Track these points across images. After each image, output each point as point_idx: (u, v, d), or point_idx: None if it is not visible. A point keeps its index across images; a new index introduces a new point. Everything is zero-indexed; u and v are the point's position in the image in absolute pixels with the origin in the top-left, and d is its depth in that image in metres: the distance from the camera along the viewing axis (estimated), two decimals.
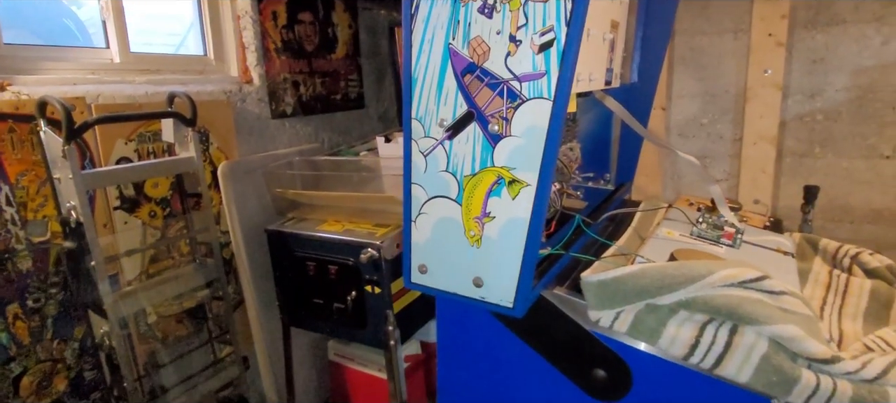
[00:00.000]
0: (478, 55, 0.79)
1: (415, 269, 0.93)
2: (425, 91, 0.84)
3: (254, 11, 2.20)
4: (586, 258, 1.02)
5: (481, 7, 0.77)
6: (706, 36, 2.43)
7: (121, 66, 2.01)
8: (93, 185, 1.77)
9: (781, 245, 1.19)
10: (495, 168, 0.82)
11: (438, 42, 0.81)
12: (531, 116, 0.77)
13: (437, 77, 0.82)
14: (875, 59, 2.21)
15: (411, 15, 0.82)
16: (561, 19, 0.72)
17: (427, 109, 0.84)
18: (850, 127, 2.28)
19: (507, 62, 0.77)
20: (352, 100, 2.67)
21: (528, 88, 0.77)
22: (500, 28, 0.76)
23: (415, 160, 0.88)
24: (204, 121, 2.08)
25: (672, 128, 2.56)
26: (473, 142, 0.82)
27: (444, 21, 0.80)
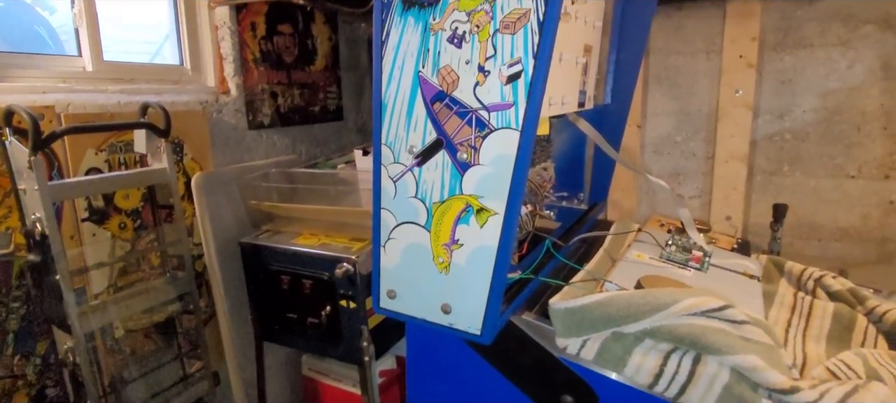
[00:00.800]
0: (447, 84, 0.79)
1: (383, 294, 0.93)
2: (395, 117, 0.84)
3: (232, 22, 2.18)
4: (556, 282, 1.03)
5: (451, 37, 0.78)
6: (680, 56, 2.48)
7: (93, 74, 1.96)
8: (60, 197, 1.72)
9: (748, 268, 1.22)
10: (464, 196, 0.82)
11: (408, 70, 0.81)
12: (499, 146, 0.78)
13: (407, 104, 0.83)
14: (841, 82, 2.29)
15: (382, 42, 0.82)
16: (529, 52, 0.73)
17: (397, 135, 0.85)
18: (817, 147, 2.36)
19: (476, 92, 0.78)
20: (331, 112, 2.65)
21: (496, 118, 0.77)
22: (469, 58, 0.77)
23: (384, 185, 0.88)
24: (178, 131, 2.05)
25: (647, 145, 2.61)
26: (442, 169, 0.82)
27: (414, 49, 0.80)
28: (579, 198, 1.54)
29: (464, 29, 0.76)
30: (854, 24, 2.23)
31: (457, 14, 0.76)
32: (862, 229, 2.36)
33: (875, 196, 2.31)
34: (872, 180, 2.31)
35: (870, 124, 2.27)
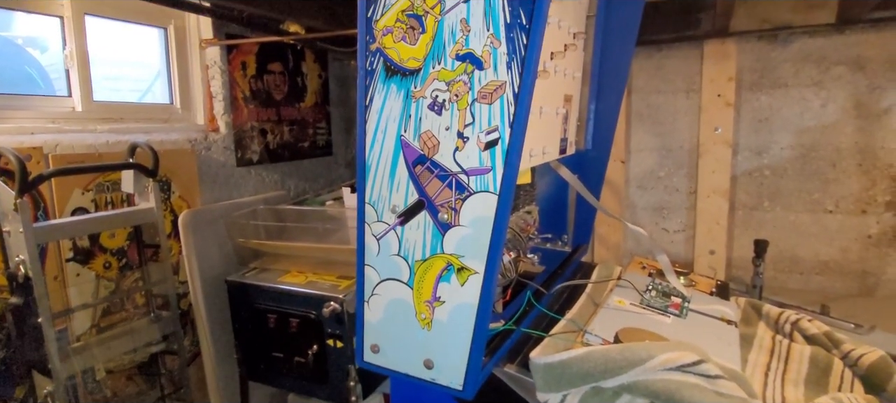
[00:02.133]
0: (428, 148, 0.82)
1: (367, 348, 0.94)
2: (378, 178, 0.86)
3: (223, 62, 2.22)
4: (537, 333, 1.04)
5: (431, 104, 0.81)
6: (661, 94, 2.56)
7: (83, 114, 1.98)
8: (45, 239, 1.71)
9: (726, 313, 1.25)
10: (445, 255, 0.84)
11: (391, 133, 0.84)
12: (478, 208, 0.81)
13: (390, 165, 0.85)
14: (816, 120, 2.37)
15: (366, 106, 0.85)
16: (505, 121, 0.77)
17: (380, 195, 0.87)
18: (795, 182, 2.42)
19: (455, 156, 0.81)
20: (320, 148, 2.68)
21: (475, 182, 0.80)
22: (448, 125, 0.80)
23: (368, 243, 0.90)
24: (166, 169, 2.06)
25: (631, 180, 2.66)
26: (424, 229, 0.84)
27: (397, 114, 0.83)
28: (563, 240, 1.57)
29: (444, 97, 0.80)
30: (826, 65, 2.32)
31: (437, 83, 0.80)
32: (842, 262, 2.41)
33: (853, 230, 2.37)
34: (850, 215, 2.37)
35: (845, 161, 2.35)
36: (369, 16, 0.82)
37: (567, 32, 1.28)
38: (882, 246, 2.35)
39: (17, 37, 2.10)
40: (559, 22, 1.21)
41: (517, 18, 0.73)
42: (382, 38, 0.82)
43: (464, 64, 0.77)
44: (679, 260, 2.65)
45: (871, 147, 2.30)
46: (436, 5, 0.78)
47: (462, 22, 0.77)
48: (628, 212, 2.70)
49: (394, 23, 0.81)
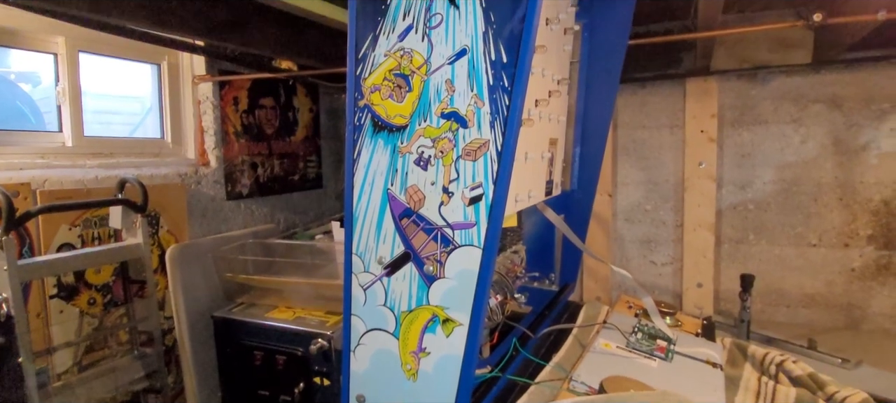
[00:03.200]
0: (414, 202, 0.84)
1: (353, 399, 0.94)
2: (365, 229, 0.88)
3: (215, 97, 2.24)
4: (523, 381, 1.05)
5: (417, 160, 0.83)
6: (646, 129, 2.62)
7: (73, 149, 1.98)
8: (29, 277, 1.69)
9: (711, 356, 1.26)
10: (431, 306, 0.85)
11: (378, 187, 0.86)
12: (463, 261, 0.82)
13: (377, 218, 0.87)
14: (796, 156, 2.43)
15: (354, 159, 0.87)
16: (489, 178, 0.79)
17: (367, 246, 0.88)
18: (779, 216, 2.47)
19: (440, 210, 0.82)
20: (310, 181, 2.69)
21: (460, 236, 0.82)
22: (434, 180, 0.82)
23: (354, 293, 0.90)
24: (155, 204, 2.05)
25: (619, 213, 2.70)
26: (410, 280, 0.85)
27: (384, 168, 0.85)
28: (550, 279, 1.58)
29: (429, 153, 0.82)
30: (804, 103, 2.39)
31: (423, 139, 0.82)
32: (828, 296, 2.44)
33: (837, 263, 2.41)
34: (833, 248, 2.42)
35: (826, 195, 2.40)
36: (358, 74, 0.85)
37: (551, 80, 1.32)
38: (866, 279, 2.39)
39: (10, 72, 2.11)
40: (543, 71, 1.25)
41: (500, 81, 0.76)
42: (370, 96, 0.85)
43: (449, 122, 0.80)
44: (667, 293, 2.67)
45: (850, 182, 2.36)
46: (422, 66, 0.81)
47: (447, 82, 0.80)
48: (616, 245, 2.73)
49: (382, 81, 0.84)
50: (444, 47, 0.79)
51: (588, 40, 1.50)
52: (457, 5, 0.78)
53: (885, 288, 2.35)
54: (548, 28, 1.26)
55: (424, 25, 0.80)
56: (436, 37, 0.79)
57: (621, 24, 1.53)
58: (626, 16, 1.52)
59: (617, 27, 1.53)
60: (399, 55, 0.82)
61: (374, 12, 0.83)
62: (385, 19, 0.82)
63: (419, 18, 0.80)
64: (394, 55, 0.82)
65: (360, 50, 0.85)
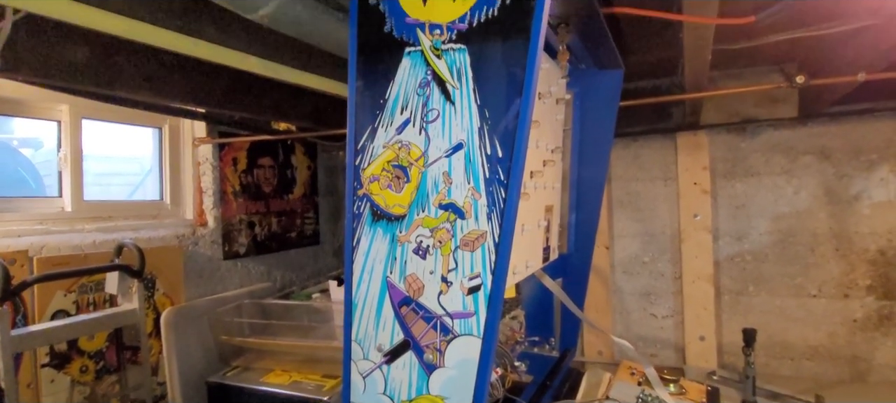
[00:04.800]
0: (413, 290, 0.84)
1: None
2: (365, 316, 0.88)
3: (215, 158, 2.27)
4: None
5: (416, 249, 0.84)
6: (640, 182, 2.65)
7: (72, 214, 1.99)
8: (22, 348, 1.66)
9: None
10: (431, 396, 0.84)
11: (377, 274, 0.86)
12: (463, 351, 0.82)
13: (376, 305, 0.87)
14: (790, 207, 2.45)
15: (353, 247, 0.88)
16: (487, 267, 0.80)
17: (366, 333, 0.88)
18: (777, 267, 2.47)
19: (440, 299, 0.83)
20: (307, 237, 2.69)
21: (459, 325, 0.82)
22: (433, 269, 0.83)
23: (354, 380, 0.89)
24: (152, 267, 2.04)
25: (616, 265, 2.70)
26: (410, 369, 0.85)
27: (383, 256, 0.86)
28: (551, 344, 1.57)
29: (428, 243, 0.83)
30: (794, 155, 2.44)
31: (421, 229, 0.83)
32: (831, 348, 2.41)
33: (838, 315, 2.39)
34: (833, 299, 2.41)
35: (822, 246, 2.41)
36: (357, 164, 0.87)
37: (545, 150, 1.35)
38: (868, 330, 2.37)
39: (13, 138, 2.14)
40: (537, 142, 1.28)
41: (496, 175, 0.78)
42: (369, 185, 0.86)
43: (447, 213, 0.81)
44: (669, 347, 2.63)
45: (845, 232, 2.38)
46: (420, 158, 0.83)
47: (444, 175, 0.82)
48: (616, 298, 2.71)
49: (380, 171, 0.86)
50: (441, 141, 0.82)
51: (579, 108, 1.55)
52: (452, 102, 0.81)
53: (888, 339, 2.33)
54: (541, 102, 1.30)
55: (422, 120, 0.83)
56: (433, 131, 0.82)
57: (611, 90, 1.58)
58: (616, 82, 1.58)
59: (607, 93, 1.58)
60: (397, 147, 0.84)
61: (372, 106, 0.86)
62: (383, 112, 0.85)
63: (417, 113, 0.83)
64: (392, 147, 0.85)
65: (358, 141, 0.87)
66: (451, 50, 0.80)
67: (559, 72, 1.35)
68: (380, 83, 0.85)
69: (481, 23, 0.78)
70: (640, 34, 1.68)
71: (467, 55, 0.79)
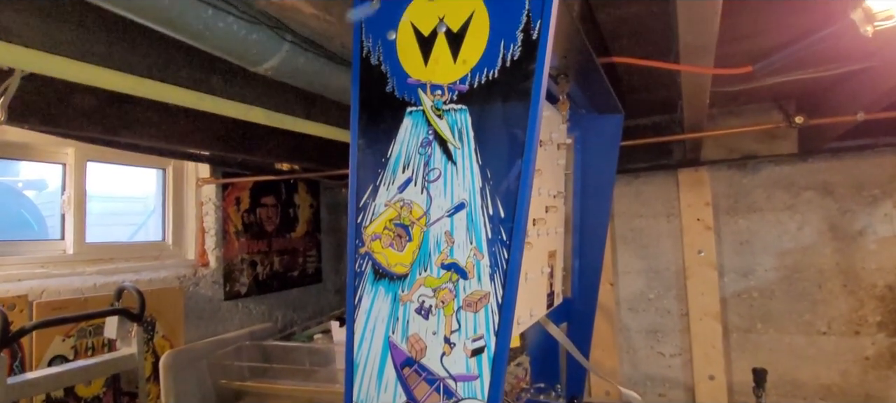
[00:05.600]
0: (416, 351, 0.83)
1: None
2: (366, 377, 0.86)
3: (218, 198, 2.28)
4: None
5: (418, 309, 0.83)
6: (643, 218, 2.64)
7: (73, 257, 1.98)
8: (19, 396, 1.63)
9: None
10: None
11: (379, 334, 0.85)
12: None
13: (378, 366, 0.85)
14: (794, 243, 2.43)
15: (354, 306, 0.87)
16: (490, 329, 0.78)
17: (368, 395, 0.86)
18: (785, 304, 2.44)
19: (443, 361, 0.81)
20: (309, 276, 2.68)
21: (463, 388, 0.80)
22: (435, 329, 0.82)
23: None
24: (152, 309, 2.02)
25: (622, 302, 2.66)
26: None
27: (385, 316, 0.85)
28: (557, 391, 1.53)
29: (430, 303, 0.82)
30: (795, 190, 2.44)
31: (423, 289, 0.83)
32: (844, 386, 2.35)
33: (850, 352, 2.34)
34: (844, 336, 2.36)
35: (830, 282, 2.38)
36: (359, 222, 0.87)
37: (548, 196, 1.35)
38: (881, 368, 2.32)
39: (17, 180, 2.16)
40: (539, 190, 1.28)
41: (498, 235, 0.78)
42: (371, 243, 0.86)
43: (449, 273, 0.81)
44: (679, 387, 2.57)
45: (852, 268, 2.35)
46: (422, 217, 0.83)
47: (446, 234, 0.81)
48: (622, 336, 2.67)
49: (382, 229, 0.85)
50: (443, 200, 0.81)
51: (581, 151, 1.56)
52: (454, 161, 0.81)
53: None
54: (542, 149, 1.30)
55: (423, 179, 0.83)
56: (435, 190, 0.82)
57: (612, 133, 1.59)
58: (616, 125, 1.59)
59: (608, 136, 1.59)
60: (399, 206, 0.84)
61: (374, 164, 0.86)
62: (385, 171, 0.85)
63: (418, 172, 0.83)
64: (394, 205, 0.85)
65: (360, 199, 0.87)
66: (452, 110, 0.81)
67: (560, 118, 1.36)
68: (382, 142, 0.85)
69: (482, 84, 0.79)
70: (639, 77, 1.70)
71: (469, 116, 0.80)
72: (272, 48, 1.10)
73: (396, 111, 0.85)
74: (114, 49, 1.14)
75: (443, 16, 0.82)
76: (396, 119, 0.85)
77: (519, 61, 0.77)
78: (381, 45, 0.86)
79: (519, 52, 0.77)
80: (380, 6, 0.87)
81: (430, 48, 0.83)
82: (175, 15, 0.93)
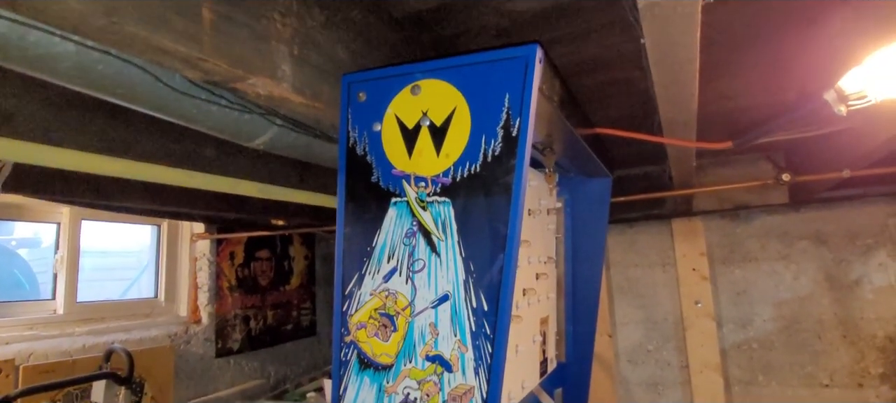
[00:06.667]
0: None
1: None
2: None
3: (212, 253, 2.28)
4: None
5: (403, 400, 0.82)
6: (638, 268, 2.64)
7: (63, 317, 1.96)
8: None
9: None
10: None
11: None
12: None
13: None
14: (791, 293, 2.42)
15: (339, 396, 0.86)
16: None
17: None
18: (785, 356, 2.40)
19: None
20: (303, 329, 2.65)
21: None
22: None
23: None
24: (142, 369, 1.99)
25: (620, 354, 2.62)
26: None
27: None
28: None
29: (415, 395, 0.81)
30: (789, 240, 2.44)
31: (408, 381, 0.82)
32: None
33: None
34: (847, 388, 2.32)
35: (829, 333, 2.35)
36: (344, 310, 0.87)
37: (538, 262, 1.35)
38: None
39: (11, 239, 2.16)
40: (529, 259, 1.28)
41: (482, 328, 0.78)
42: (356, 332, 0.86)
43: (434, 365, 0.80)
44: None
45: (851, 318, 2.33)
46: (406, 307, 0.83)
47: (431, 325, 0.81)
48: (622, 389, 2.62)
49: (367, 319, 0.85)
50: (428, 291, 0.82)
51: (571, 214, 1.57)
52: (438, 253, 0.82)
53: None
54: (531, 218, 1.32)
55: (408, 269, 0.83)
56: (419, 281, 0.82)
57: (601, 195, 1.60)
58: (605, 188, 1.60)
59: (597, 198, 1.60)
60: (384, 295, 0.85)
61: (360, 253, 0.87)
62: (371, 260, 0.86)
63: (403, 262, 0.84)
64: (379, 295, 0.85)
65: (346, 287, 0.87)
66: (436, 202, 0.82)
67: (549, 184, 1.38)
68: (367, 231, 0.86)
69: (465, 178, 0.81)
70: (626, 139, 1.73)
71: (452, 208, 0.81)
72: (264, 126, 1.12)
73: (382, 201, 0.86)
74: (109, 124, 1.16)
75: (426, 110, 0.85)
76: (382, 209, 0.86)
77: (500, 156, 0.79)
78: (367, 136, 0.88)
79: (500, 147, 0.79)
80: (366, 98, 0.89)
81: (414, 141, 0.85)
82: (170, 102, 0.96)
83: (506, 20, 1.24)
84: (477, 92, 0.81)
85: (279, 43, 0.90)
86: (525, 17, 1.22)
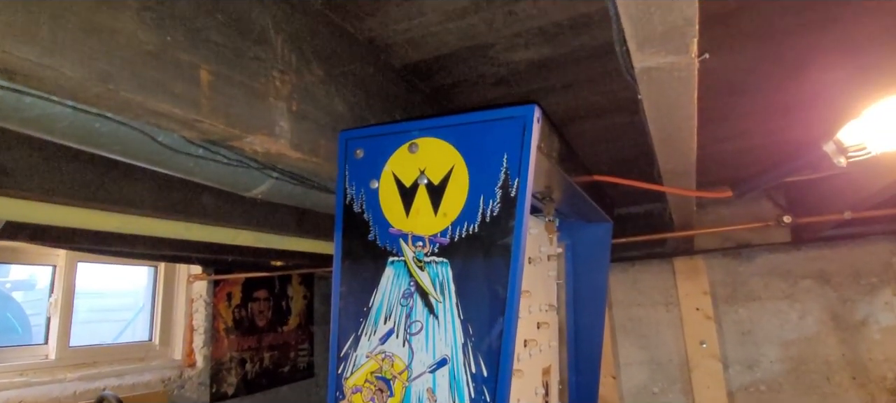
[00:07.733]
0: None
1: None
2: None
3: (208, 295, 2.25)
4: None
5: None
6: (641, 307, 2.60)
7: (55, 362, 1.92)
8: None
9: None
10: None
11: None
12: None
13: None
14: (797, 333, 2.37)
15: None
16: None
17: None
18: (794, 398, 2.34)
19: None
20: (300, 371, 2.59)
21: None
22: None
23: None
24: None
25: (625, 396, 2.56)
26: None
27: None
28: None
29: None
30: (793, 279, 2.41)
31: None
32: None
33: None
34: None
35: (838, 374, 2.30)
36: (340, 372, 0.85)
37: (539, 311, 1.32)
38: None
39: (6, 281, 2.14)
40: (530, 308, 1.25)
41: (481, 395, 0.76)
42: (352, 396, 0.83)
43: None
44: None
45: (859, 359, 2.28)
46: (403, 371, 0.81)
47: (429, 391, 0.79)
48: None
49: (363, 382, 0.83)
50: (425, 355, 0.80)
51: (571, 259, 1.55)
52: (436, 315, 0.80)
53: None
54: (531, 266, 1.30)
55: (405, 331, 0.81)
56: (416, 343, 0.80)
57: (602, 239, 1.59)
58: (606, 232, 1.59)
59: (598, 242, 1.59)
60: (380, 358, 0.82)
61: (356, 313, 0.85)
62: (367, 321, 0.84)
63: (400, 324, 0.82)
64: (375, 357, 0.83)
65: (342, 348, 0.85)
66: (433, 262, 0.81)
67: (549, 232, 1.36)
68: (364, 290, 0.85)
69: (463, 238, 0.80)
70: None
71: (450, 269, 0.80)
72: (261, 178, 1.12)
73: (378, 260, 0.85)
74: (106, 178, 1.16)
75: (423, 168, 0.84)
76: (379, 268, 0.84)
77: (498, 217, 0.78)
78: (364, 194, 0.88)
79: (498, 208, 0.78)
80: (363, 155, 0.89)
81: (411, 199, 0.84)
82: (167, 158, 0.96)
83: (504, 69, 1.26)
84: (475, 151, 0.81)
85: (277, 100, 0.91)
86: (522, 67, 1.24)
